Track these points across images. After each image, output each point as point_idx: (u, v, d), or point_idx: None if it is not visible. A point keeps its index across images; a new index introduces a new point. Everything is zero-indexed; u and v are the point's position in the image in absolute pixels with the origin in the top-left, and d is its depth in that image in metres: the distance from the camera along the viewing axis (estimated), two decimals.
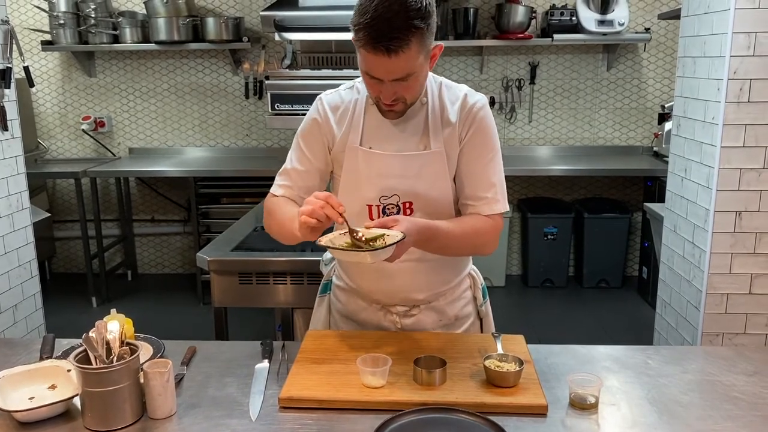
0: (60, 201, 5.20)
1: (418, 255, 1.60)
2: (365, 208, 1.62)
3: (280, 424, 1.33)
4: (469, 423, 1.29)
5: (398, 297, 1.70)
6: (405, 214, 1.60)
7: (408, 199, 1.61)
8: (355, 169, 1.62)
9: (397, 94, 1.49)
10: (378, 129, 1.61)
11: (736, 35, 2.40)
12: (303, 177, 1.66)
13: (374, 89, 1.51)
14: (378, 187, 1.61)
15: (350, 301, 1.76)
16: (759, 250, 2.55)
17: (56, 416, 1.34)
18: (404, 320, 1.72)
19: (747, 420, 1.35)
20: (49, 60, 4.97)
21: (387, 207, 1.62)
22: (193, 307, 4.55)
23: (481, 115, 1.60)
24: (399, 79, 1.45)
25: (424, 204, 1.61)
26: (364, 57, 1.44)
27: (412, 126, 1.61)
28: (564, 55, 4.84)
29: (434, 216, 1.59)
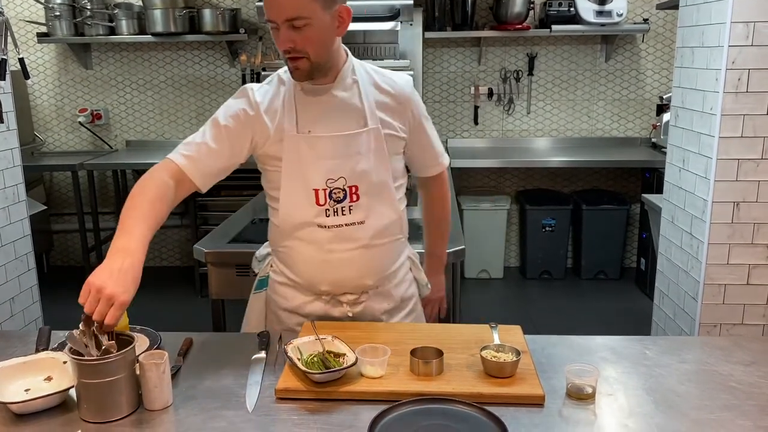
0: (57, 194, 5.19)
1: (364, 242, 1.67)
2: (312, 193, 1.63)
3: (276, 415, 1.32)
4: (465, 413, 1.29)
5: (349, 285, 1.72)
6: (352, 200, 1.64)
7: (354, 182, 1.64)
8: (297, 157, 1.62)
9: (295, 44, 1.50)
10: (312, 113, 1.63)
11: (734, 25, 2.39)
12: (215, 155, 1.61)
13: (277, 42, 1.54)
14: (323, 171, 1.62)
15: (295, 295, 1.76)
16: (757, 240, 2.55)
17: (52, 408, 1.33)
18: (354, 308, 1.74)
19: (744, 409, 1.35)
20: (45, 52, 4.94)
21: (334, 191, 1.63)
22: (191, 299, 4.55)
23: (415, 94, 1.75)
24: (292, 23, 1.48)
25: (368, 187, 1.65)
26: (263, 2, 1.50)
27: (346, 105, 1.64)
28: (562, 46, 4.82)
29: (379, 202, 1.67)
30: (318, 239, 1.66)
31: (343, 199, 1.64)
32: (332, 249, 1.66)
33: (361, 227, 1.66)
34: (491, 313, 4.24)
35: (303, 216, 1.65)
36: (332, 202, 1.63)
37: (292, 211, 1.65)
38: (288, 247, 1.71)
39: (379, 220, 1.68)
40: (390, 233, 1.72)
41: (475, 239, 4.65)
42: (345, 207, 1.64)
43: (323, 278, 1.70)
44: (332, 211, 1.64)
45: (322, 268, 1.69)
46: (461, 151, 4.79)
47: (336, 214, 1.64)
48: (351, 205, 1.65)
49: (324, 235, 1.65)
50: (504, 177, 5.05)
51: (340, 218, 1.65)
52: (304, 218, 1.65)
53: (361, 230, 1.66)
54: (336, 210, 1.64)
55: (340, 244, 1.66)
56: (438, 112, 4.92)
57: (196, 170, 1.60)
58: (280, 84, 1.66)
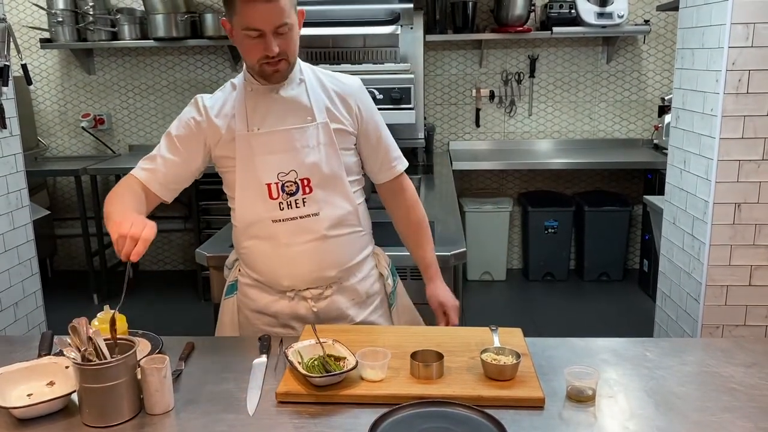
0: (60, 199, 5.21)
1: (320, 234, 1.69)
2: (264, 188, 1.67)
3: (277, 418, 1.33)
4: (466, 416, 1.29)
5: (309, 279, 1.73)
6: (305, 192, 1.68)
7: (305, 174, 1.68)
8: (248, 154, 1.67)
9: (281, 47, 1.56)
10: (262, 111, 1.68)
11: (734, 26, 2.39)
12: (170, 165, 1.68)
13: (257, 50, 1.57)
14: (274, 165, 1.66)
15: (261, 295, 1.78)
16: (758, 241, 2.55)
17: (54, 413, 1.34)
18: (319, 303, 1.76)
19: (745, 411, 1.35)
20: (48, 58, 4.97)
21: (286, 184, 1.67)
22: (194, 303, 4.56)
23: (363, 93, 1.79)
24: (279, 29, 1.54)
25: (321, 180, 1.69)
26: (244, 12, 1.52)
27: (293, 102, 1.69)
28: (563, 48, 4.82)
29: (332, 193, 1.70)
30: (274, 234, 1.69)
31: (295, 192, 1.68)
32: (289, 242, 1.69)
33: (316, 219, 1.69)
34: (494, 315, 4.24)
35: (258, 212, 1.69)
36: (285, 195, 1.67)
37: (247, 208, 1.70)
38: (248, 247, 1.76)
39: (334, 211, 1.71)
40: (347, 224, 1.75)
41: (477, 241, 4.65)
42: (298, 199, 1.68)
43: (283, 273, 1.73)
44: (286, 204, 1.68)
45: (280, 262, 1.71)
46: (463, 153, 4.79)
47: (290, 207, 1.68)
48: (304, 197, 1.68)
49: (279, 228, 1.68)
50: (506, 179, 5.06)
51: (294, 211, 1.68)
52: (259, 214, 1.69)
53: (316, 222, 1.69)
54: (289, 203, 1.68)
55: (296, 236, 1.69)
56: (440, 114, 4.93)
57: (156, 182, 1.68)
58: (232, 89, 1.72)
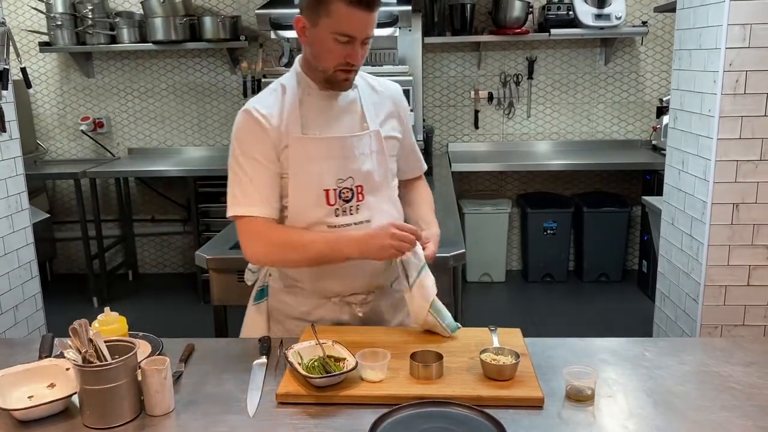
0: (60, 202, 5.21)
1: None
2: (322, 194, 1.65)
3: (278, 419, 1.33)
4: (465, 416, 1.29)
5: (360, 284, 1.73)
6: (358, 199, 1.68)
7: (360, 182, 1.68)
8: (304, 159, 1.64)
9: (362, 57, 1.59)
10: (317, 116, 1.67)
11: (731, 27, 2.40)
12: (272, 187, 1.64)
13: (339, 55, 1.56)
14: (334, 170, 1.65)
15: (300, 301, 1.76)
16: (757, 241, 2.55)
17: (55, 414, 1.34)
18: (363, 308, 1.75)
19: (743, 410, 1.35)
20: (47, 61, 4.98)
21: (343, 191, 1.66)
22: (194, 306, 4.57)
23: (405, 100, 1.84)
24: (367, 39, 1.57)
25: (372, 186, 1.70)
26: (342, 16, 1.51)
27: (349, 108, 1.70)
28: (561, 50, 4.84)
29: (381, 200, 1.72)
30: None
31: (350, 199, 1.67)
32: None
33: (368, 225, 1.69)
34: (493, 316, 4.25)
35: (313, 216, 1.66)
36: (341, 202, 1.66)
37: (302, 212, 1.66)
38: None
39: (384, 218, 1.71)
40: None
41: (476, 243, 4.65)
42: (353, 206, 1.68)
43: (334, 279, 1.71)
44: (341, 210, 1.67)
45: (332, 268, 1.69)
46: (462, 155, 4.80)
47: (345, 214, 1.67)
48: (358, 204, 1.68)
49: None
50: (505, 180, 5.07)
51: (349, 217, 1.67)
52: (315, 218, 1.66)
53: (368, 228, 1.68)
54: (345, 209, 1.67)
55: None
56: (438, 116, 4.94)
57: (271, 209, 1.64)
58: (282, 92, 1.68)
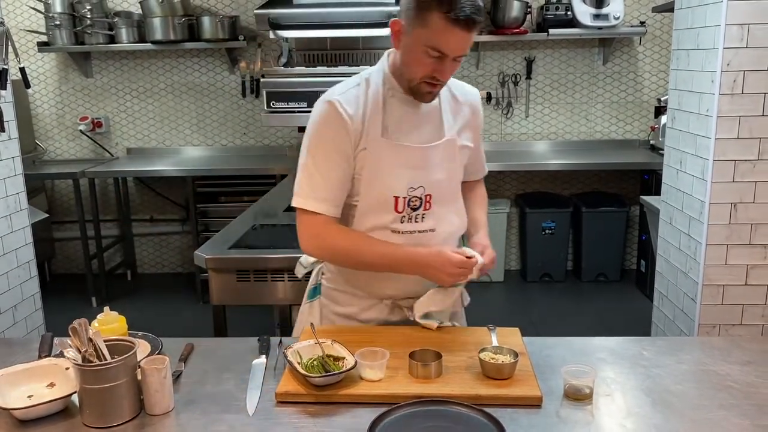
0: (59, 202, 5.21)
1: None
2: (391, 200, 1.64)
3: (277, 418, 1.34)
4: (464, 415, 1.30)
5: (414, 290, 1.70)
6: (425, 208, 1.67)
7: (430, 191, 1.66)
8: (380, 162, 1.61)
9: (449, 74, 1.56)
10: (399, 121, 1.63)
11: (729, 27, 2.41)
12: (341, 186, 1.63)
13: (427, 68, 1.52)
14: (406, 179, 1.63)
15: (352, 301, 1.76)
16: (754, 241, 2.56)
17: (55, 414, 1.35)
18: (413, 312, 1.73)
19: (741, 409, 1.36)
20: (45, 61, 4.97)
21: (412, 199, 1.65)
22: (193, 305, 4.57)
23: (481, 107, 1.80)
24: (459, 57, 1.53)
25: (440, 195, 1.69)
26: (440, 32, 1.46)
27: (429, 115, 1.67)
28: (560, 50, 4.84)
29: (448, 210, 1.71)
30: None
31: (418, 207, 1.66)
32: None
33: (432, 234, 1.68)
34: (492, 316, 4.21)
35: (379, 221, 1.65)
36: (409, 210, 1.65)
37: (369, 216, 1.65)
38: None
39: (448, 228, 1.71)
40: (453, 240, 1.75)
41: None
42: (419, 215, 1.66)
43: (389, 283, 1.70)
44: (407, 218, 1.66)
45: (388, 273, 1.68)
46: None
47: (410, 221, 1.66)
48: (424, 213, 1.67)
49: (396, 239, 1.65)
50: (503, 180, 5.07)
51: (413, 225, 1.66)
52: (380, 223, 1.65)
53: (430, 237, 1.67)
54: (411, 217, 1.66)
55: None
56: None
57: (337, 210, 1.65)
58: (366, 87, 1.63)
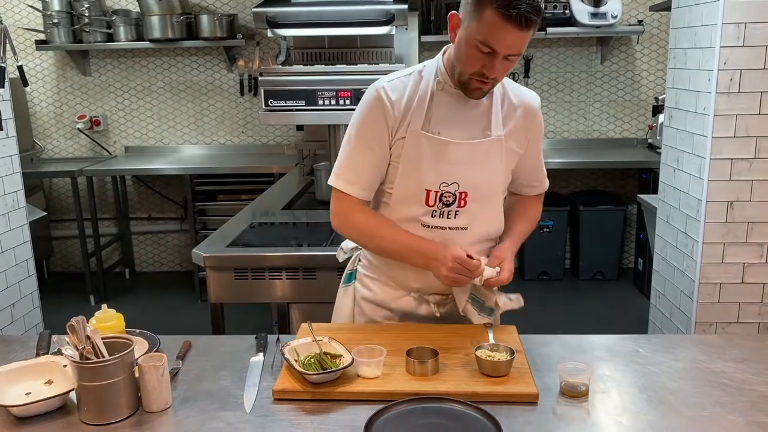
0: (57, 200, 5.21)
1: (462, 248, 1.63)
2: (423, 193, 1.63)
3: (274, 415, 1.34)
4: (460, 412, 1.30)
5: (440, 286, 1.70)
6: (459, 205, 1.64)
7: (466, 189, 1.64)
8: (417, 154, 1.61)
9: (501, 72, 1.52)
10: (445, 115, 1.62)
11: (725, 26, 2.41)
12: (373, 170, 1.65)
13: (476, 64, 1.50)
14: (440, 174, 1.62)
15: (383, 290, 1.77)
16: (751, 239, 2.57)
17: (53, 411, 1.35)
18: (440, 308, 1.74)
19: (735, 406, 1.36)
20: (43, 59, 4.97)
21: (444, 195, 1.63)
22: (191, 303, 4.57)
23: (540, 114, 1.73)
24: (511, 56, 1.48)
25: (478, 195, 1.65)
26: (493, 28, 1.43)
27: (478, 113, 1.64)
28: (558, 48, 4.85)
29: (485, 210, 1.68)
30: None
31: (451, 204, 1.64)
32: None
33: (463, 233, 1.66)
34: None
35: (409, 212, 1.65)
36: (441, 205, 1.64)
37: (400, 206, 1.66)
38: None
39: (482, 229, 1.69)
40: (488, 241, 1.73)
41: None
42: (451, 211, 1.65)
43: (416, 276, 1.70)
44: (438, 213, 1.65)
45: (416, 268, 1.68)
46: None
47: (441, 217, 1.65)
48: (458, 210, 1.65)
49: (425, 233, 1.65)
50: None
51: (445, 221, 1.65)
52: (411, 214, 1.66)
53: (462, 236, 1.66)
54: (442, 212, 1.65)
55: None
56: None
57: (368, 194, 1.68)
58: (418, 78, 1.64)
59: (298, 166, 4.00)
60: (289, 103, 2.59)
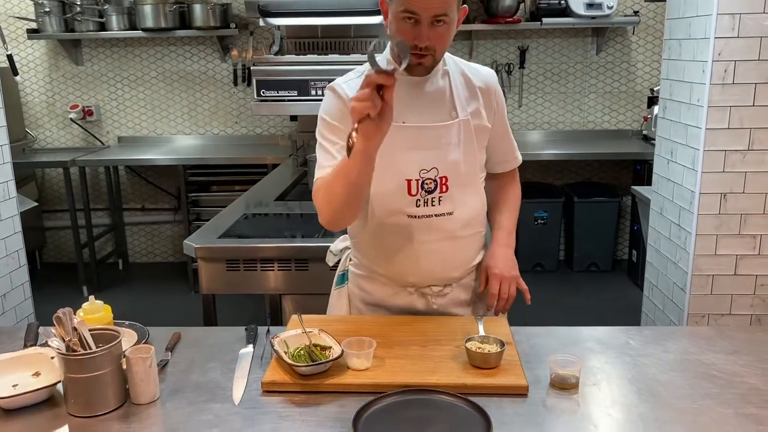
0: (49, 191, 5.18)
1: (451, 233, 1.66)
2: (404, 183, 1.62)
3: (263, 408, 1.33)
4: (449, 404, 1.30)
5: (435, 277, 1.71)
6: (441, 190, 1.64)
7: (445, 173, 1.63)
8: (388, 147, 1.56)
9: (431, 41, 1.49)
10: (405, 103, 1.59)
11: (720, 17, 2.40)
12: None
13: (407, 36, 1.48)
14: (417, 161, 1.62)
15: (377, 288, 1.75)
16: (744, 231, 2.57)
17: (40, 403, 1.34)
18: (438, 300, 1.74)
19: (725, 398, 1.36)
20: (35, 48, 4.93)
21: (426, 182, 1.62)
22: (184, 294, 4.56)
23: (498, 87, 1.74)
24: (437, 18, 1.46)
25: (457, 177, 1.65)
26: None
27: (438, 96, 1.64)
28: (553, 39, 4.83)
29: (467, 193, 1.67)
30: (408, 230, 1.66)
31: (433, 190, 1.63)
32: (421, 240, 1.66)
33: (450, 218, 1.66)
34: None
35: (394, 204, 1.64)
36: (423, 193, 1.63)
37: (383, 201, 1.65)
38: (375, 240, 1.71)
39: (467, 212, 1.69)
40: (475, 225, 1.73)
41: None
42: (435, 198, 1.64)
43: (410, 270, 1.70)
44: (422, 201, 1.64)
45: (409, 259, 1.68)
46: None
47: (426, 205, 1.64)
48: (441, 196, 1.64)
49: (412, 224, 1.65)
50: None
51: (430, 209, 1.64)
52: (395, 207, 1.64)
53: (449, 221, 1.66)
54: (426, 200, 1.64)
55: (428, 234, 1.66)
56: None
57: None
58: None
59: (291, 156, 3.99)
60: (281, 94, 2.57)
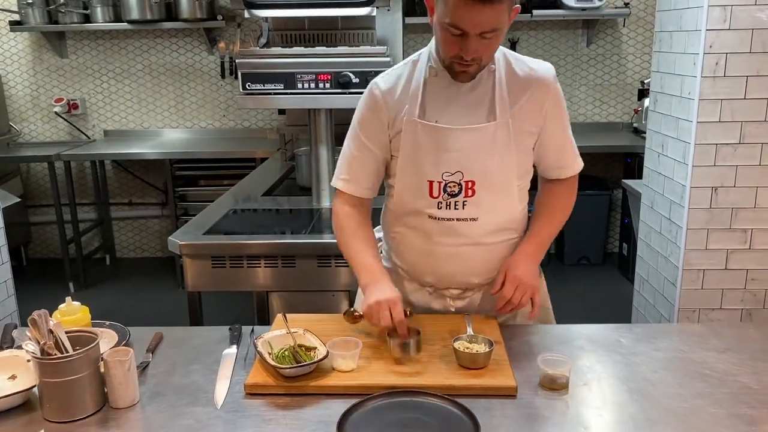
0: (34, 185, 5.11)
1: (474, 240, 1.61)
2: (426, 185, 1.58)
3: (245, 411, 1.30)
4: (437, 406, 1.27)
5: (453, 281, 1.67)
6: (466, 194, 1.57)
7: (472, 177, 1.56)
8: (414, 144, 1.56)
9: (478, 52, 1.42)
10: (441, 101, 1.55)
11: (711, 8, 2.37)
12: (364, 166, 1.64)
13: (453, 47, 1.43)
14: (441, 163, 1.56)
15: (399, 283, 1.72)
16: (735, 225, 2.55)
17: (15, 407, 1.30)
18: (457, 303, 1.70)
19: (716, 397, 1.34)
20: (18, 41, 4.84)
21: (449, 185, 1.57)
22: (172, 291, 4.51)
23: (556, 86, 1.60)
24: (485, 34, 1.40)
25: (488, 183, 1.57)
26: (455, 7, 1.37)
27: (478, 96, 1.56)
28: (543, 31, 4.79)
29: (497, 199, 1.60)
30: (427, 229, 1.61)
31: (457, 194, 1.57)
32: (440, 242, 1.61)
33: (473, 224, 1.59)
34: None
35: (415, 204, 1.61)
36: (446, 196, 1.57)
37: (405, 200, 1.62)
38: (398, 233, 1.68)
39: (494, 219, 1.61)
40: (504, 231, 1.65)
41: None
42: (459, 201, 1.58)
43: (427, 269, 1.67)
44: (445, 204, 1.58)
45: (427, 259, 1.65)
46: None
47: (449, 208, 1.58)
48: (465, 200, 1.57)
49: (433, 226, 1.60)
50: None
51: (452, 212, 1.59)
52: (417, 207, 1.61)
53: (472, 227, 1.60)
54: (449, 203, 1.58)
55: (448, 238, 1.60)
56: None
57: (359, 188, 1.66)
58: (412, 67, 1.59)
59: (280, 150, 3.94)
60: (267, 87, 2.51)
